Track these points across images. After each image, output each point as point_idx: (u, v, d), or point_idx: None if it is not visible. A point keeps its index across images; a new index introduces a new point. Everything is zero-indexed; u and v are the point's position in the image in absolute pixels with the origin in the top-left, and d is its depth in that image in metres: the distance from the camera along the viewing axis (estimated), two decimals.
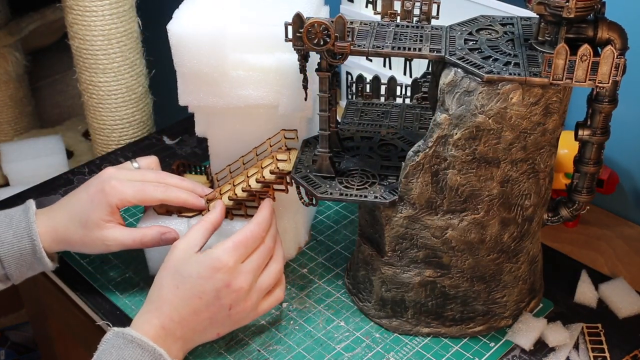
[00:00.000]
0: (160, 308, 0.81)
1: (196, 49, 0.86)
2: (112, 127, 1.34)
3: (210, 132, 0.98)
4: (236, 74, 0.88)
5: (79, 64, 1.30)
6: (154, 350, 0.77)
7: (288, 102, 0.90)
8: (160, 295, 0.82)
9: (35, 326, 1.36)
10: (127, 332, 0.78)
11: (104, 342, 0.79)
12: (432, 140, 0.78)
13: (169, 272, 0.83)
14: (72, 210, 0.91)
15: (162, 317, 0.81)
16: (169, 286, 0.82)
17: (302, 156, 0.90)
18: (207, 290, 0.81)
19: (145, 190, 0.90)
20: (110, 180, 0.90)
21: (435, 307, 0.88)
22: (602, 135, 0.79)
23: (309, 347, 0.89)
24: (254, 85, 0.89)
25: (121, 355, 0.76)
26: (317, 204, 0.90)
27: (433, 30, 0.82)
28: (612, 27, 0.74)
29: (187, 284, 0.81)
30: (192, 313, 0.82)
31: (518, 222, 0.83)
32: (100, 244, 0.90)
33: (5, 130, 1.81)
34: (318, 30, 0.76)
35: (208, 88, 0.89)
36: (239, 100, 0.90)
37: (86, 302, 0.97)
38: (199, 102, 0.91)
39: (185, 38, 0.86)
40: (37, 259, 0.90)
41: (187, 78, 0.90)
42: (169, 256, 0.84)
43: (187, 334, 0.82)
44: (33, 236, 0.89)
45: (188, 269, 0.82)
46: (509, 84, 0.73)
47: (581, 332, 0.89)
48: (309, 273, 1.00)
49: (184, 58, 0.87)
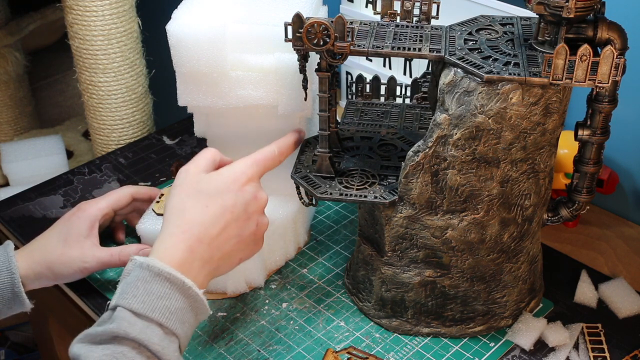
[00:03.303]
0: (187, 231, 0.76)
1: (195, 49, 0.86)
2: (112, 127, 1.34)
3: (209, 133, 0.98)
4: (235, 74, 0.88)
5: (79, 64, 1.30)
6: (183, 284, 0.72)
7: (287, 103, 0.90)
8: (184, 218, 0.77)
9: (35, 326, 1.36)
10: (153, 264, 0.72)
11: (127, 274, 0.73)
12: (432, 140, 0.78)
13: (188, 195, 0.79)
14: (49, 234, 0.94)
15: (191, 240, 0.75)
16: (195, 207, 0.78)
17: (301, 156, 0.90)
18: (237, 202, 0.79)
19: (113, 192, 1.00)
20: (82, 203, 0.98)
21: (435, 307, 0.88)
22: (602, 135, 0.79)
23: (309, 347, 0.89)
24: (253, 85, 0.89)
25: (148, 289, 0.70)
26: (316, 204, 0.90)
27: (433, 30, 0.82)
28: (611, 27, 0.74)
29: (217, 199, 0.78)
30: (222, 230, 0.77)
31: (518, 222, 0.83)
32: (79, 262, 0.91)
33: (5, 130, 1.81)
34: (318, 30, 0.76)
35: (207, 88, 0.89)
36: (238, 100, 0.90)
37: (86, 302, 0.97)
38: (198, 102, 0.91)
39: (184, 38, 0.86)
40: (15, 294, 0.89)
41: (186, 78, 0.90)
42: (182, 181, 0.80)
43: (215, 256, 0.77)
44: (12, 269, 0.89)
45: (213, 186, 0.79)
46: (508, 84, 0.73)
47: (581, 332, 0.89)
48: (309, 273, 1.00)
49: (183, 58, 0.87)
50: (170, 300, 0.71)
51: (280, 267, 1.00)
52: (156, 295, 0.70)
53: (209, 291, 0.95)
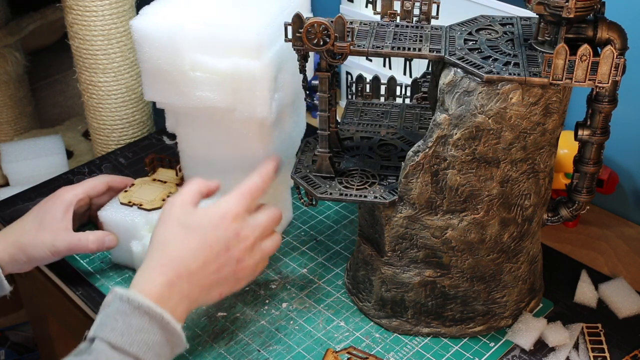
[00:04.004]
0: (167, 264, 0.77)
1: (156, 45, 0.87)
2: (112, 127, 1.34)
3: (178, 130, 0.98)
4: (194, 74, 0.88)
5: (79, 64, 1.30)
6: (162, 318, 0.73)
7: (243, 108, 0.89)
8: (165, 251, 0.78)
9: (35, 326, 1.36)
10: (133, 298, 0.73)
11: (106, 305, 0.74)
12: (431, 140, 0.78)
13: (172, 227, 0.80)
14: (26, 218, 0.97)
15: (170, 274, 0.77)
16: (176, 240, 0.79)
17: (301, 156, 0.90)
18: (219, 238, 0.79)
19: (89, 180, 1.03)
20: (60, 189, 1.00)
21: (435, 307, 0.88)
22: (602, 135, 0.79)
23: (309, 347, 0.89)
24: (210, 87, 0.88)
25: (128, 323, 0.72)
26: (316, 204, 0.90)
27: (433, 30, 0.82)
28: (611, 27, 0.74)
29: (198, 234, 0.79)
30: (202, 266, 0.78)
31: (518, 222, 0.83)
32: (49, 244, 0.93)
33: (5, 130, 1.80)
34: (318, 30, 0.76)
35: (169, 86, 0.90)
36: (198, 101, 0.90)
37: (86, 302, 0.97)
38: (161, 99, 0.92)
39: (146, 35, 0.87)
40: None
41: (150, 74, 0.90)
42: (167, 213, 0.81)
43: (194, 291, 0.78)
44: None
45: (197, 220, 0.80)
46: (508, 84, 0.73)
47: (581, 332, 0.89)
48: (309, 273, 1.00)
49: (146, 54, 0.88)
50: (148, 334, 0.72)
51: None
52: (135, 329, 0.71)
53: None
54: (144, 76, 0.91)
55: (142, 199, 1.00)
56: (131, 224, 0.96)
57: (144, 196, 1.00)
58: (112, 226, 0.98)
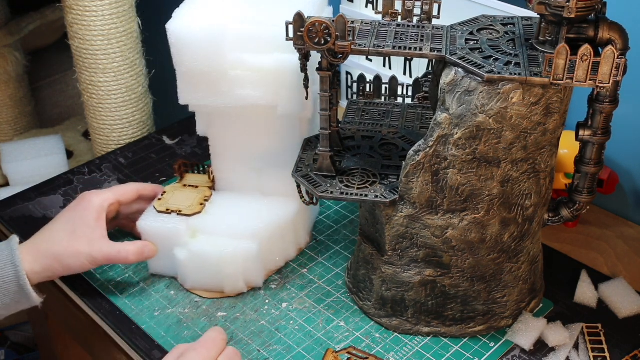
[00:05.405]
0: None
1: (195, 48, 0.86)
2: (112, 127, 1.34)
3: (210, 132, 0.98)
4: (234, 73, 0.88)
5: (79, 64, 1.30)
6: None
7: (286, 103, 0.90)
8: None
9: (35, 326, 1.36)
10: None
11: None
12: (432, 139, 0.78)
13: None
14: (55, 226, 0.94)
15: None
16: None
17: (303, 155, 0.91)
18: None
19: (119, 186, 1.00)
20: (86, 193, 0.97)
21: (436, 306, 0.88)
22: (603, 135, 0.79)
23: (309, 347, 0.89)
24: (252, 85, 0.89)
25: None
26: (317, 203, 0.90)
27: (434, 30, 0.82)
28: (613, 27, 0.74)
29: None
30: None
31: (518, 222, 0.83)
32: (86, 254, 0.91)
33: (5, 130, 1.80)
34: (319, 29, 0.76)
35: (207, 87, 0.89)
36: (238, 100, 0.90)
37: (86, 302, 0.96)
38: (198, 101, 0.91)
39: (184, 37, 0.86)
40: (21, 288, 0.89)
41: (187, 77, 0.90)
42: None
43: None
44: (16, 262, 0.88)
45: None
46: (509, 83, 0.73)
47: (581, 332, 0.89)
48: (309, 273, 1.00)
49: (183, 57, 0.88)
50: None
51: (280, 268, 1.00)
52: None
53: (207, 290, 0.96)
54: (180, 80, 0.90)
55: (180, 205, 0.98)
56: (174, 231, 0.94)
57: (180, 202, 0.98)
58: (152, 235, 0.95)
